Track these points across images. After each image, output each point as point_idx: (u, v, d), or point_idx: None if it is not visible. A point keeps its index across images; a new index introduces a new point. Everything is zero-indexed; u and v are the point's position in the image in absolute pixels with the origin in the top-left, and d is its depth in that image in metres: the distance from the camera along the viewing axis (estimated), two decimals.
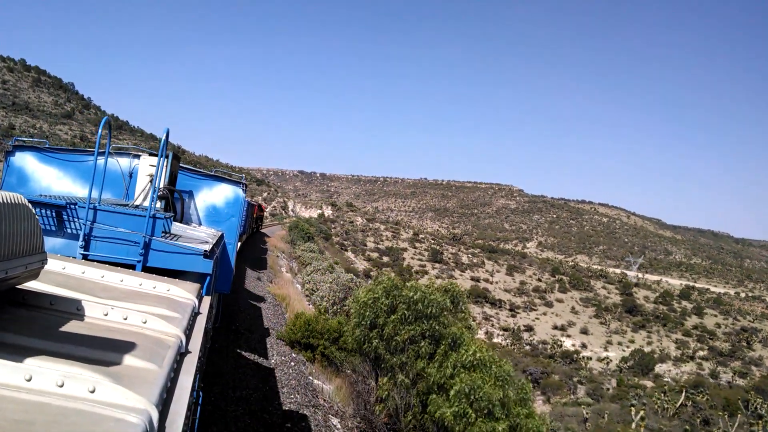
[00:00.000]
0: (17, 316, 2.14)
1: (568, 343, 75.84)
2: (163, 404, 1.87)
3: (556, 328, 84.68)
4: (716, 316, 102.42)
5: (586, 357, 67.32)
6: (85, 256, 5.01)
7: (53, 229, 5.13)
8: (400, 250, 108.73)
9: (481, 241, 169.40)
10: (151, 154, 7.58)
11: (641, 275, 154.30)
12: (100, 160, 6.66)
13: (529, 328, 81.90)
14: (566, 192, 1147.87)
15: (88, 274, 3.17)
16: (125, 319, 2.49)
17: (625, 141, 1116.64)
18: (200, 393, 3.63)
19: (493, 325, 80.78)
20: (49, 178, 7.63)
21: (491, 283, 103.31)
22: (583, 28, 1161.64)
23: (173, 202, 7.42)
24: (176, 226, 6.93)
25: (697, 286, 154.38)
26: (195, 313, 3.23)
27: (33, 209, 2.11)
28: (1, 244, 1.77)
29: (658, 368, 66.86)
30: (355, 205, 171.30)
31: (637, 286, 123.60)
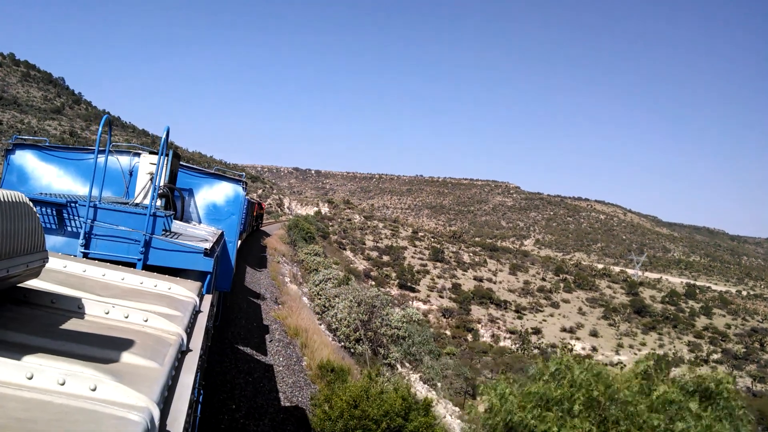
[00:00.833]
0: (18, 315, 2.14)
1: (578, 347, 73.72)
2: (165, 402, 1.87)
3: (564, 330, 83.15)
4: (725, 317, 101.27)
5: (599, 362, 65.84)
6: (85, 255, 5.02)
7: (54, 227, 5.13)
8: (400, 249, 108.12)
9: (479, 239, 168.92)
10: (151, 153, 7.57)
11: (641, 273, 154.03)
12: (101, 159, 6.66)
13: (537, 331, 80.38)
14: (562, 189, 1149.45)
15: (89, 273, 3.17)
16: (126, 318, 2.49)
17: (619, 138, 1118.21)
18: (201, 391, 3.63)
19: (500, 328, 79.23)
20: (49, 177, 7.62)
21: (495, 283, 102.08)
22: (579, 25, 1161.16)
23: (173, 200, 7.41)
24: (176, 225, 6.92)
25: (698, 284, 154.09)
26: (196, 312, 3.23)
27: (34, 207, 2.10)
28: (2, 243, 1.77)
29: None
30: (352, 202, 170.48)
31: (642, 285, 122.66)
